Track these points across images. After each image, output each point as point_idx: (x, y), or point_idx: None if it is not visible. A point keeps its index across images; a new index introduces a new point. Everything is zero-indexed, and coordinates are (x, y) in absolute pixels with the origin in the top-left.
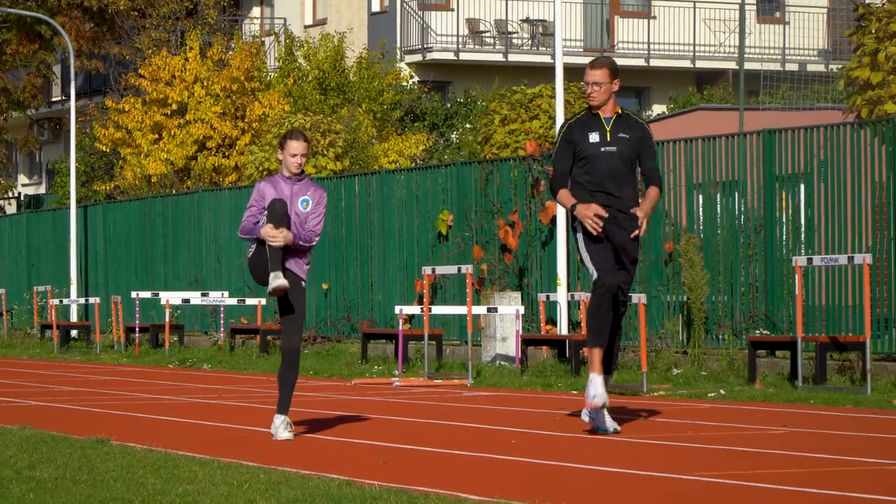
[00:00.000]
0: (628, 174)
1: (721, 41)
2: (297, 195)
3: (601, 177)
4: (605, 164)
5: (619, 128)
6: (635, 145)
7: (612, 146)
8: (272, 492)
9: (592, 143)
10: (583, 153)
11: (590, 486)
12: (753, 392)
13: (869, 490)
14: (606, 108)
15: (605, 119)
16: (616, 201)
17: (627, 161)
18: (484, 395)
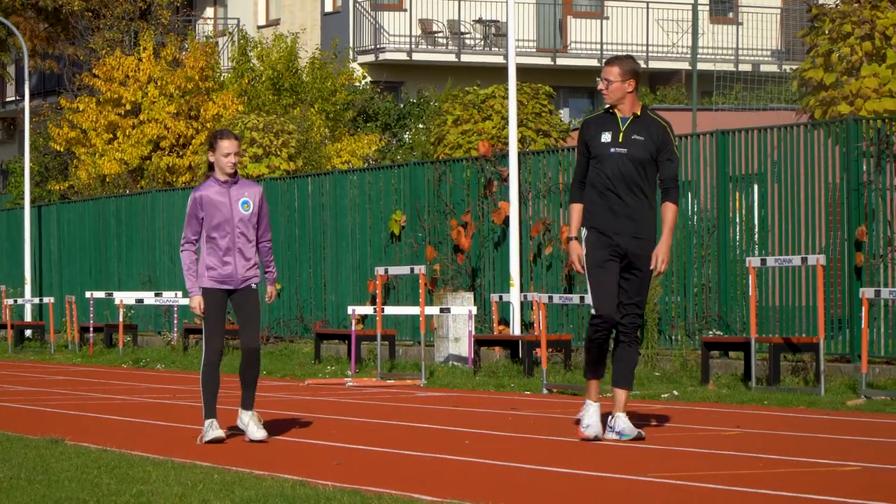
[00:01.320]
0: (641, 178)
1: (674, 41)
2: (235, 199)
3: (610, 180)
4: (614, 166)
5: (634, 129)
6: (651, 148)
7: (622, 147)
8: (226, 492)
9: (603, 142)
10: (595, 152)
11: (542, 487)
12: (706, 393)
13: (822, 491)
14: (623, 107)
15: (622, 119)
16: (625, 207)
17: (641, 164)
18: (437, 396)
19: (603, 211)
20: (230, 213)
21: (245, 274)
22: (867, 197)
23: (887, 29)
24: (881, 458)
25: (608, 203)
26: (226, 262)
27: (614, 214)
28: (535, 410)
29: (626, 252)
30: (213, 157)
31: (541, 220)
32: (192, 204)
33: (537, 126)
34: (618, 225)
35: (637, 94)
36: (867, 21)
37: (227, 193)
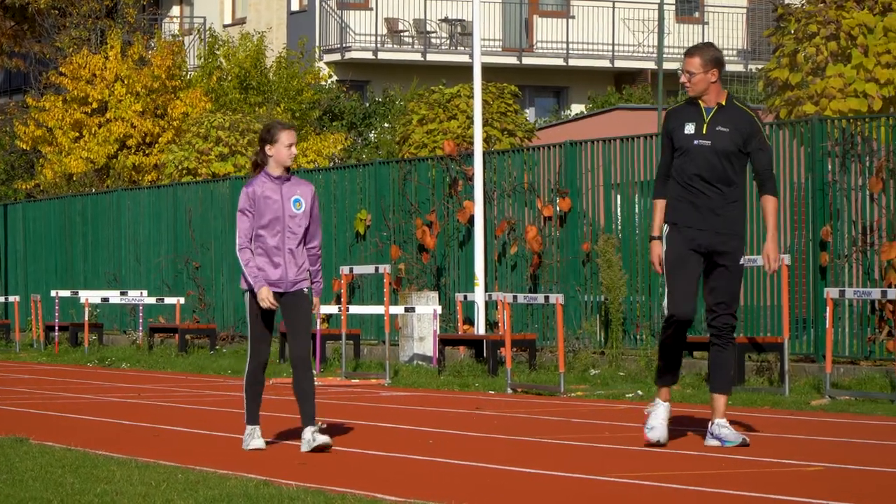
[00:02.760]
0: (727, 171)
1: (640, 41)
2: (287, 196)
3: (692, 173)
4: (698, 159)
5: (719, 119)
6: (738, 140)
7: (706, 139)
8: (190, 491)
9: (687, 134)
10: (678, 144)
11: (506, 487)
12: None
13: (787, 492)
14: (708, 97)
15: (706, 109)
16: (708, 201)
17: (726, 156)
18: (401, 395)
19: (685, 205)
20: (281, 211)
21: (296, 277)
22: (832, 197)
23: (852, 29)
24: (845, 458)
25: (691, 197)
26: (276, 262)
27: (696, 209)
28: (499, 410)
29: (708, 249)
30: (272, 149)
31: (506, 220)
32: (245, 199)
33: (503, 125)
34: (700, 220)
35: (720, 83)
36: (832, 21)
37: (280, 190)
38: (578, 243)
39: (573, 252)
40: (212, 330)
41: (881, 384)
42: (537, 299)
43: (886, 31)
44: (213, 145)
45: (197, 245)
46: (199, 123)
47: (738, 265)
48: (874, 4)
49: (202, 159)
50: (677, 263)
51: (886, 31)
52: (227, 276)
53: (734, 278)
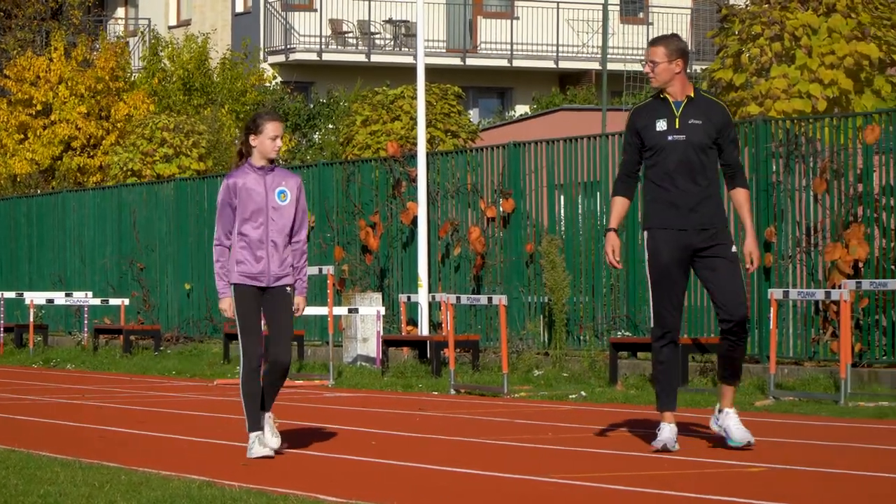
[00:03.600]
0: (703, 165)
1: (584, 42)
2: (272, 188)
3: (670, 170)
4: (673, 155)
5: (690, 112)
6: (711, 132)
7: (680, 134)
8: (133, 493)
9: (659, 131)
10: (650, 143)
11: (448, 488)
12: (615, 394)
13: (730, 493)
14: (674, 90)
15: (675, 103)
16: (688, 199)
17: (701, 150)
18: (345, 396)
19: (662, 206)
20: (264, 203)
21: (279, 272)
22: (776, 198)
23: (797, 30)
24: (788, 459)
25: (668, 196)
26: (258, 256)
27: (677, 209)
28: (442, 411)
29: (694, 247)
30: (255, 140)
31: (449, 221)
32: (225, 191)
33: (446, 126)
34: (682, 220)
35: (685, 74)
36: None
37: (263, 181)
38: (522, 244)
39: (516, 253)
40: (156, 331)
41: (825, 385)
42: (480, 300)
43: (830, 31)
44: (158, 147)
45: (141, 246)
46: (144, 125)
47: (732, 254)
48: (818, 5)
49: (146, 161)
50: (662, 273)
51: (830, 31)
52: (172, 278)
53: (731, 269)
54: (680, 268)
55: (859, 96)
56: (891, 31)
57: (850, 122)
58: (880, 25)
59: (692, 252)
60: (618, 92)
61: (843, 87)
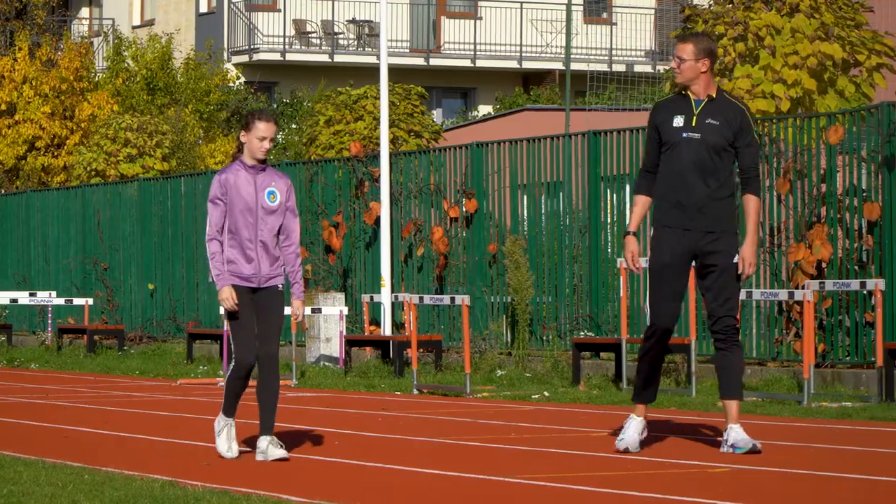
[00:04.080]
0: (716, 166)
1: (548, 42)
2: (261, 187)
3: (681, 168)
4: (686, 152)
5: (709, 112)
6: (728, 134)
7: (695, 133)
8: (96, 492)
9: (675, 127)
10: (666, 138)
11: (411, 488)
12: (577, 394)
13: (692, 493)
14: (697, 88)
15: (695, 101)
16: (696, 199)
17: (715, 151)
18: (308, 396)
19: (671, 205)
20: (254, 203)
21: (270, 272)
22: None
23: (760, 30)
24: (749, 459)
25: (677, 195)
26: (249, 256)
27: (683, 209)
28: (405, 411)
29: (696, 250)
30: (246, 137)
31: (412, 221)
32: (217, 186)
33: (409, 127)
34: (687, 220)
35: (712, 74)
36: (740, 22)
37: (254, 181)
38: (485, 244)
39: (479, 253)
40: (120, 331)
41: (788, 385)
42: (443, 300)
43: (794, 32)
44: (122, 147)
45: (105, 246)
46: (108, 125)
47: (730, 263)
48: (782, 6)
49: (110, 161)
50: (661, 271)
51: (794, 32)
52: (136, 278)
53: (729, 277)
54: (681, 267)
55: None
56: (854, 31)
57: (814, 123)
58: (844, 25)
59: (694, 253)
60: (581, 92)
61: (806, 87)
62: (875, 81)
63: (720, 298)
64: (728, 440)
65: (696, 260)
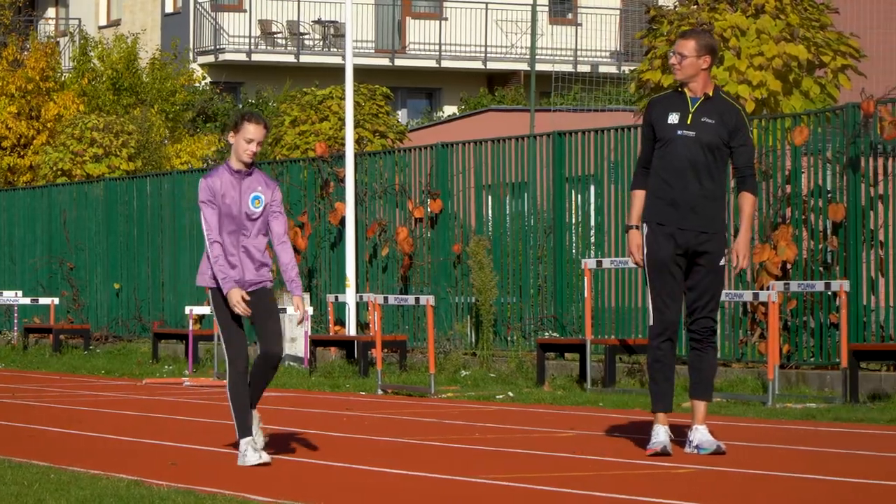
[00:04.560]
0: (710, 165)
1: (513, 42)
2: (246, 192)
3: (675, 165)
4: (680, 150)
5: (705, 111)
6: (723, 133)
7: (690, 130)
8: (62, 491)
9: (670, 124)
10: (660, 135)
11: (376, 488)
12: (542, 394)
13: (656, 494)
14: (695, 86)
15: (692, 99)
16: (690, 198)
17: (709, 150)
18: (273, 396)
19: (663, 202)
20: (238, 209)
21: (255, 277)
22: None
23: (725, 31)
24: (714, 460)
25: (671, 193)
26: (232, 263)
27: (676, 207)
28: (369, 411)
29: (688, 249)
30: (234, 139)
31: (377, 221)
32: (205, 191)
33: (374, 127)
34: (680, 219)
35: (710, 72)
36: (705, 23)
37: (239, 185)
38: (449, 245)
39: (444, 253)
40: (86, 330)
41: (753, 386)
42: (408, 300)
43: (759, 33)
44: (88, 147)
45: (71, 246)
46: (74, 125)
47: (718, 266)
48: (747, 7)
49: (76, 161)
50: (661, 269)
51: (759, 33)
52: (101, 277)
53: (714, 279)
54: (677, 264)
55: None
56: (819, 32)
57: (779, 124)
58: (809, 27)
59: (688, 251)
60: (546, 92)
61: (771, 88)
62: (840, 83)
63: (703, 298)
64: (693, 441)
65: (686, 258)
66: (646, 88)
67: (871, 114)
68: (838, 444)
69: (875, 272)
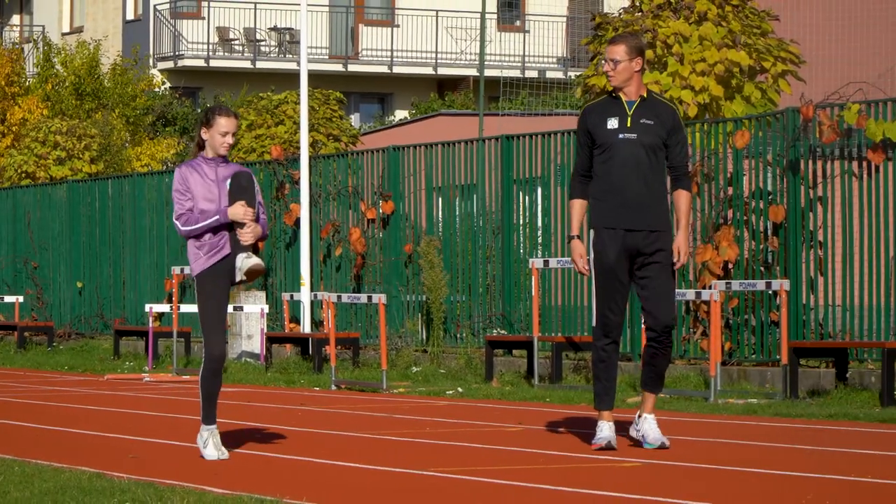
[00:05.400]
0: (653, 165)
1: (462, 49)
2: (223, 180)
3: (621, 169)
4: (624, 153)
5: (642, 112)
6: (661, 133)
7: (632, 133)
8: (26, 483)
9: (610, 129)
10: (600, 141)
11: (329, 481)
12: (490, 390)
13: (603, 487)
14: (629, 90)
15: (628, 103)
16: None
17: (651, 150)
18: (230, 391)
19: (612, 206)
20: (217, 197)
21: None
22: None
23: (668, 38)
24: (660, 454)
25: (619, 197)
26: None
27: (626, 208)
28: (323, 406)
29: (639, 249)
30: (207, 133)
31: (330, 222)
32: (180, 181)
33: (328, 131)
34: (630, 220)
35: (641, 74)
36: (649, 30)
37: (214, 173)
38: (401, 245)
39: (396, 253)
40: (49, 327)
41: (695, 382)
42: (361, 299)
43: (701, 39)
44: (51, 150)
45: (35, 246)
46: (38, 129)
47: (670, 262)
48: (690, 14)
49: (40, 163)
50: (608, 273)
51: (701, 39)
52: (65, 276)
53: (668, 277)
54: (624, 268)
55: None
56: (760, 38)
57: (721, 128)
58: (750, 33)
59: (636, 253)
60: (494, 97)
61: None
62: (780, 87)
63: (661, 298)
64: (640, 429)
65: (634, 260)
66: (592, 93)
67: (810, 118)
68: (779, 439)
69: (814, 272)
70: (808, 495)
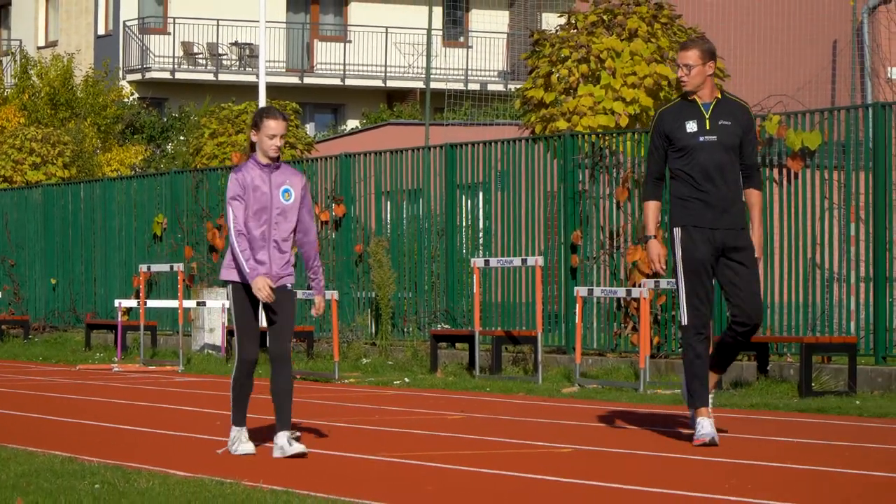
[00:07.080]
0: (732, 165)
1: (410, 63)
2: (276, 186)
3: (703, 170)
4: (705, 155)
5: (719, 114)
6: (739, 132)
7: (712, 135)
8: (1, 467)
9: (690, 132)
10: (680, 144)
11: (282, 465)
12: (435, 380)
13: (539, 471)
14: (703, 92)
15: (704, 105)
16: (720, 198)
17: (730, 150)
18: (193, 381)
19: (697, 205)
20: (269, 201)
21: (280, 271)
22: (582, 205)
23: (602, 53)
24: (592, 440)
25: (703, 196)
26: (260, 259)
27: (710, 208)
28: None
29: (724, 246)
30: (256, 136)
31: None
32: (234, 185)
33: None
34: (714, 219)
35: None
36: (584, 46)
37: (268, 179)
38: (352, 245)
39: (347, 253)
40: (25, 321)
41: (626, 374)
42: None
43: (632, 55)
44: (27, 155)
45: (12, 245)
46: (15, 136)
47: (755, 258)
48: (621, 31)
49: (17, 168)
50: (699, 270)
51: (632, 55)
52: (40, 273)
53: (754, 273)
54: (710, 266)
55: None
56: None
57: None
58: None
59: (721, 251)
60: (440, 108)
61: (643, 104)
62: None
63: (751, 294)
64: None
65: (719, 258)
66: (530, 104)
67: None
68: None
69: None
70: (732, 480)
